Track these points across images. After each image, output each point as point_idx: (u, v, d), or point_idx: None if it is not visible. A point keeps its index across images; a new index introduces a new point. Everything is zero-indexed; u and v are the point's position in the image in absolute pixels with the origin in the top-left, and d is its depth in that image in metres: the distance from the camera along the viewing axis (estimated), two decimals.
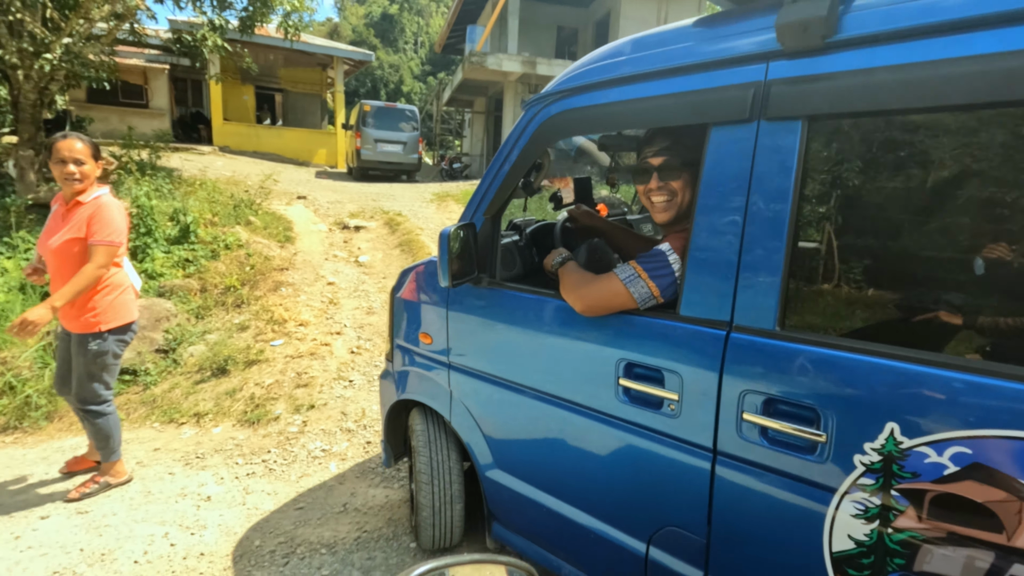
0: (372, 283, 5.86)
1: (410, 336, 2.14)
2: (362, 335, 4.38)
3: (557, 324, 1.59)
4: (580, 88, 1.53)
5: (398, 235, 7.61)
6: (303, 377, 3.60)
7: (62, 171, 2.24)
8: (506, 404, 1.78)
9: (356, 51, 18.08)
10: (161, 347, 3.94)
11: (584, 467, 1.59)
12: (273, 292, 4.94)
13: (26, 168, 7.48)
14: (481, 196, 1.80)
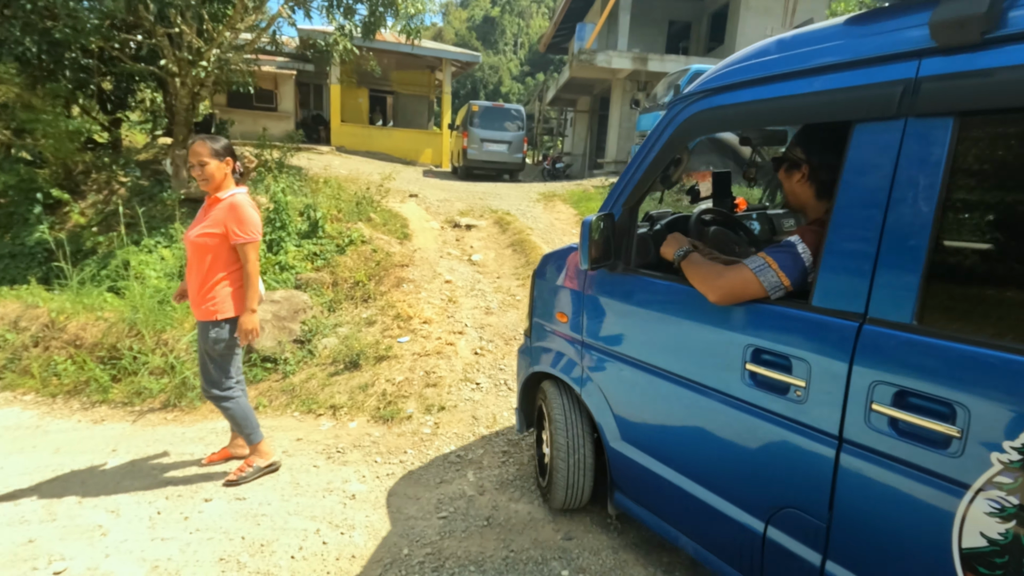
0: (487, 283, 5.82)
1: (547, 315, 2.39)
2: (483, 336, 4.31)
3: (686, 309, 1.69)
4: (725, 87, 1.60)
5: (509, 234, 7.56)
6: (431, 376, 3.58)
7: (192, 172, 2.45)
8: (634, 381, 1.92)
9: (464, 53, 18.46)
10: (298, 337, 4.10)
11: (706, 445, 1.67)
12: (396, 288, 5.03)
13: (180, 166, 8.25)
14: (621, 189, 1.93)
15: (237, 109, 15.78)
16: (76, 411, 3.89)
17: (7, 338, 4.71)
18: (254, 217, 2.47)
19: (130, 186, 8.42)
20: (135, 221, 7.71)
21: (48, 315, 4.77)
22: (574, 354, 2.19)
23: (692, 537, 1.78)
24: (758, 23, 14.18)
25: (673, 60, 13.88)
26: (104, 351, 4.26)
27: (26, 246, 7.05)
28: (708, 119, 1.66)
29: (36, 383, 4.33)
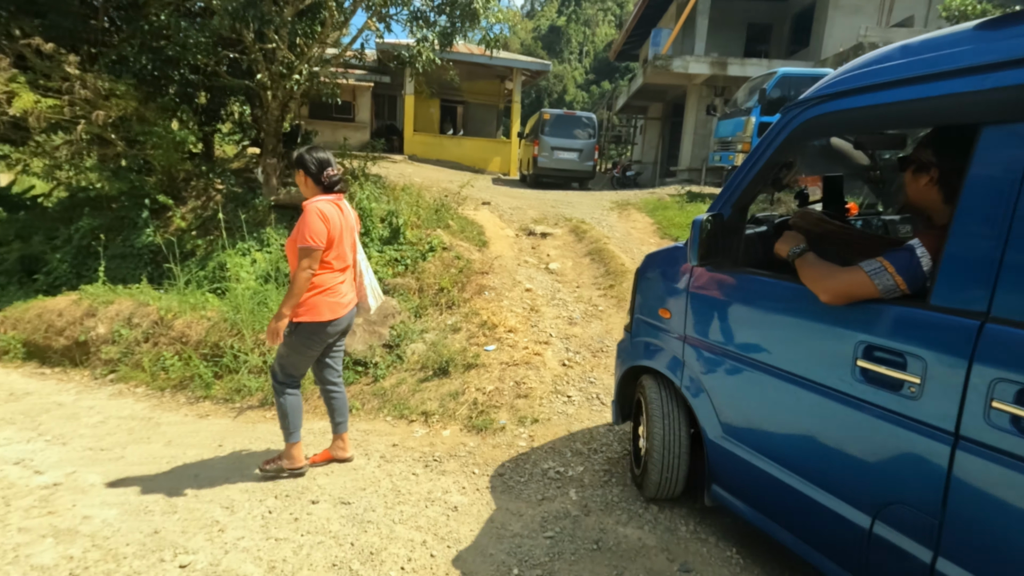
0: (566, 292, 5.72)
1: (650, 311, 2.48)
2: (569, 347, 4.21)
3: (795, 307, 1.74)
4: (847, 92, 1.62)
5: (585, 243, 7.44)
6: (522, 387, 3.52)
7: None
8: (737, 376, 1.96)
9: (535, 61, 18.55)
10: (388, 342, 4.16)
11: (812, 440, 1.69)
12: (478, 295, 5.02)
13: (270, 174, 8.68)
14: (731, 190, 2.00)
15: (318, 120, 16.54)
16: (183, 405, 4.10)
17: (122, 333, 5.07)
18: (315, 225, 2.46)
19: (225, 193, 8.95)
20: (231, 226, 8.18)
21: (157, 313, 5.10)
22: (676, 349, 2.28)
23: (793, 531, 1.79)
24: (848, 23, 13.38)
25: (754, 64, 13.33)
26: (207, 348, 4.49)
27: (134, 248, 7.60)
28: (828, 123, 1.72)
29: (146, 377, 4.62)
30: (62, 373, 5.14)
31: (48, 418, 3.96)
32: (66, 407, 4.20)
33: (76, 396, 4.46)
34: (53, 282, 7.29)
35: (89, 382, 4.84)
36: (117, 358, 4.92)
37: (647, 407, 2.42)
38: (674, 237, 7.87)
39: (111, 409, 4.10)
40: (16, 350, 5.60)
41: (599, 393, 3.52)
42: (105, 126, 6.88)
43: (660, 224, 8.54)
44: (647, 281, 2.58)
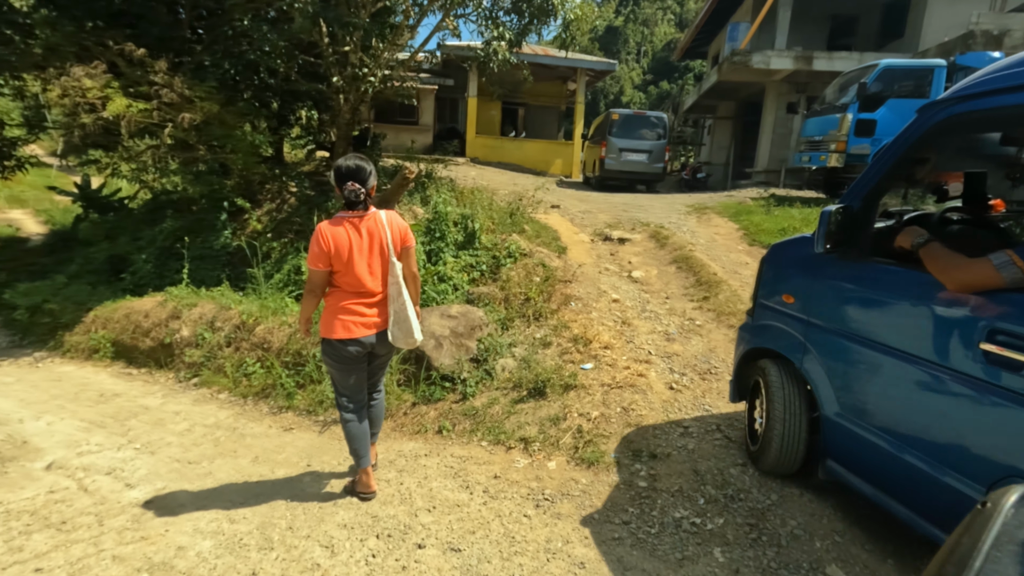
0: (656, 303, 5.30)
1: (773, 296, 2.61)
2: (673, 368, 3.81)
3: (919, 293, 1.83)
4: (991, 92, 1.70)
5: (668, 250, 6.98)
6: (630, 414, 3.16)
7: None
8: (858, 357, 2.07)
9: (601, 61, 18.07)
10: (475, 356, 3.89)
11: (929, 417, 1.80)
12: (564, 306, 4.69)
13: None
14: (863, 183, 2.11)
15: (382, 124, 16.69)
16: (265, 415, 3.98)
17: (205, 337, 5.05)
18: (312, 246, 2.42)
19: (298, 196, 9.02)
20: (304, 229, 8.19)
21: (239, 317, 5.05)
22: (797, 331, 2.40)
23: (907, 504, 1.89)
24: (950, 11, 12.23)
25: (843, 58, 12.39)
26: (289, 356, 4.36)
27: (212, 249, 7.72)
28: (972, 120, 1.79)
29: (229, 383, 4.55)
30: (147, 375, 5.18)
31: (136, 423, 3.92)
32: (153, 411, 4.17)
33: (162, 400, 4.44)
34: (138, 282, 7.49)
35: (173, 385, 4.84)
36: (200, 362, 4.90)
37: (767, 387, 2.56)
38: (764, 244, 7.27)
39: (196, 416, 4.02)
40: (105, 349, 5.72)
41: (719, 424, 3.11)
42: (189, 130, 6.99)
43: (746, 230, 7.95)
44: (772, 268, 2.74)
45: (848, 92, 9.38)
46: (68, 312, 6.51)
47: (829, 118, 9.47)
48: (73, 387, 4.84)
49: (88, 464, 3.24)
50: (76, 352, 5.93)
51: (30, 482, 3.05)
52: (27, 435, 3.76)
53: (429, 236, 6.15)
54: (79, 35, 6.53)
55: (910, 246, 1.88)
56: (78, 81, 6.07)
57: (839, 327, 2.19)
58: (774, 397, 2.49)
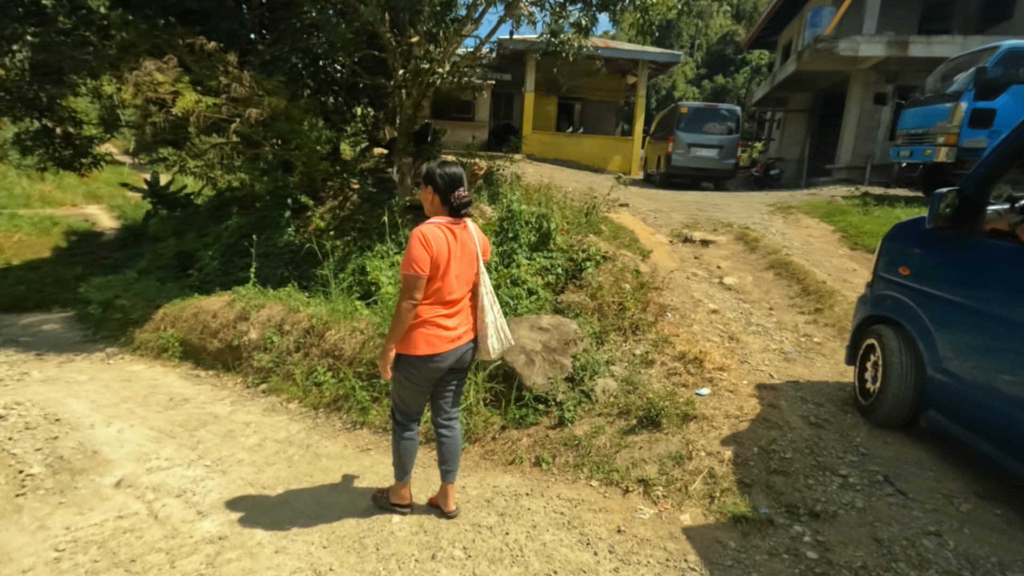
0: (760, 315, 4.72)
1: (891, 269, 2.99)
2: (804, 396, 3.25)
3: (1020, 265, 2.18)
4: None
5: (760, 254, 6.34)
6: (771, 456, 2.64)
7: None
8: (962, 321, 2.45)
9: (664, 52, 17.28)
10: (570, 375, 3.45)
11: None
12: (660, 317, 4.19)
13: (405, 173, 8.40)
14: (981, 169, 2.41)
15: (438, 120, 16.47)
16: (339, 431, 3.66)
17: (273, 341, 4.82)
18: (418, 251, 2.21)
19: (360, 193, 8.81)
20: (367, 227, 7.96)
21: (308, 321, 4.79)
22: (911, 300, 2.75)
23: (1002, 448, 2.21)
24: None
25: (944, 42, 11.25)
26: (362, 367, 4.05)
27: (276, 247, 7.59)
28: None
29: (298, 391, 4.29)
30: (215, 378, 5.00)
31: (206, 434, 3.69)
32: (222, 421, 3.94)
33: (231, 408, 4.21)
34: (205, 279, 7.44)
35: (242, 391, 4.62)
36: (269, 367, 4.67)
37: (883, 349, 2.88)
38: (868, 248, 6.51)
39: (267, 428, 3.75)
40: (174, 349, 5.61)
41: (884, 473, 2.55)
42: (256, 125, 6.85)
43: (844, 232, 7.19)
44: (892, 244, 3.10)
45: (958, 79, 8.39)
46: (138, 308, 6.48)
47: (936, 108, 8.50)
48: (143, 389, 4.70)
49: (158, 483, 2.99)
50: (146, 350, 5.86)
51: (99, 502, 2.82)
52: (97, 443, 3.58)
53: (501, 236, 5.75)
54: (152, 33, 6.47)
55: (1007, 226, 2.25)
56: (150, 75, 5.99)
57: (948, 295, 2.56)
58: (891, 359, 2.81)
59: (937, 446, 2.77)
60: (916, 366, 2.71)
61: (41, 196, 16.96)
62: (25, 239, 13.79)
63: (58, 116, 8.56)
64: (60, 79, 7.98)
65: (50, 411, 4.21)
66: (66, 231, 14.49)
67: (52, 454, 3.44)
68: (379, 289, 5.52)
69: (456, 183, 2.30)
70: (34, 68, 7.78)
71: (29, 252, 13.04)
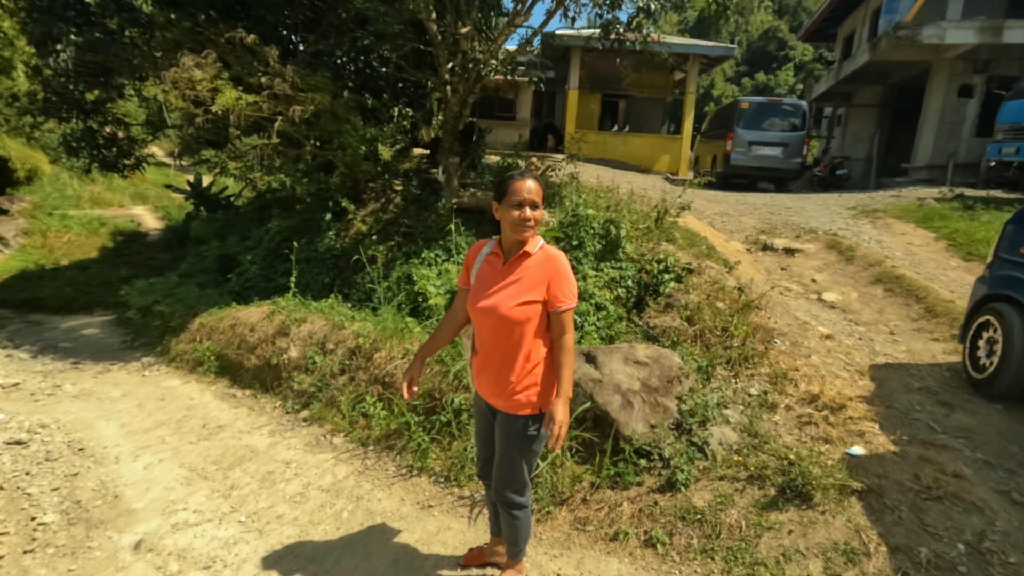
0: (882, 341, 3.97)
1: (1012, 251, 3.23)
2: (991, 460, 2.52)
3: None
4: None
5: (859, 265, 5.54)
6: (993, 562, 1.94)
7: (519, 216, 1.82)
8: None
9: (717, 46, 16.33)
10: (676, 420, 2.80)
11: None
12: (769, 344, 3.49)
13: (452, 174, 7.85)
14: None
15: (481, 119, 15.96)
16: (393, 477, 3.11)
17: (315, 361, 4.32)
18: (573, 277, 1.92)
19: (404, 195, 8.33)
20: (412, 231, 7.44)
21: (354, 339, 4.27)
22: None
23: None
24: None
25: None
26: (419, 399, 3.49)
27: (318, 252, 7.16)
28: None
29: (344, 423, 3.76)
30: (253, 399, 4.53)
31: (242, 476, 3.19)
32: (260, 457, 3.44)
33: (270, 439, 3.72)
34: (244, 284, 7.08)
35: (281, 417, 4.13)
36: (311, 391, 4.17)
37: (1003, 326, 3.10)
38: (981, 256, 5.63)
39: (310, 470, 3.23)
40: (210, 363, 5.19)
41: None
42: (299, 123, 6.41)
43: (951, 240, 6.29)
44: (1015, 226, 3.32)
45: None
46: (177, 316, 6.13)
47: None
48: (177, 411, 4.27)
49: (183, 547, 2.48)
50: (181, 362, 5.47)
51: (114, 573, 2.33)
52: (121, 484, 3.13)
53: (564, 243, 5.15)
54: (194, 30, 6.11)
55: None
56: (187, 72, 5.60)
57: None
58: (1013, 335, 3.00)
59: None
60: None
61: (91, 197, 17.18)
62: (75, 239, 13.90)
63: (104, 118, 8.37)
64: (107, 81, 7.77)
65: (75, 437, 3.81)
66: (113, 231, 14.57)
67: (69, 497, 3.00)
68: (427, 300, 4.99)
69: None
70: (79, 69, 7.58)
71: (79, 252, 13.11)
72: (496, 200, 1.90)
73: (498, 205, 1.89)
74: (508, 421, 1.93)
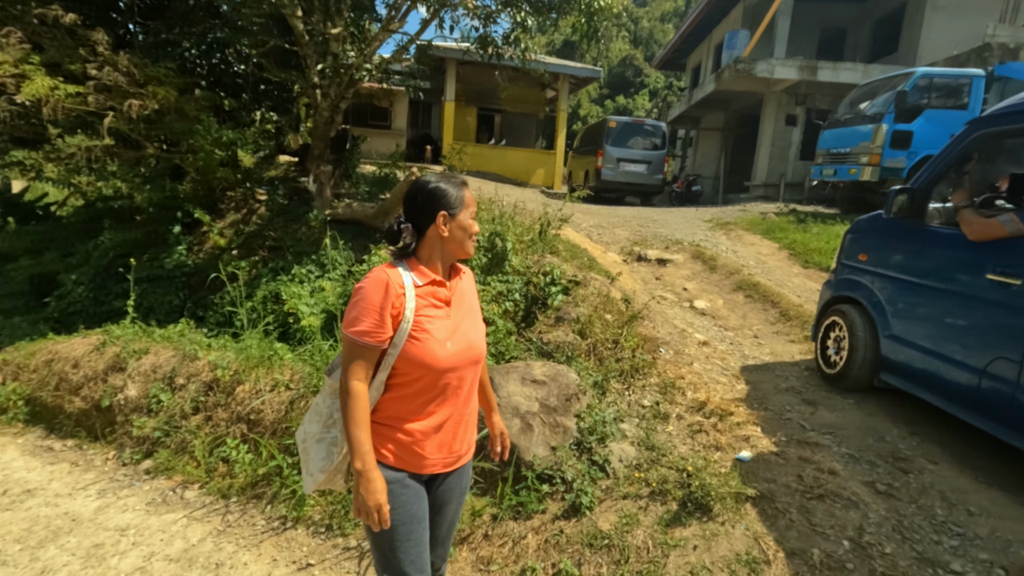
0: (750, 346, 4.28)
1: (852, 256, 3.58)
2: (853, 452, 2.74)
3: (953, 244, 2.79)
4: (1018, 114, 2.66)
5: (722, 274, 6.01)
6: (874, 556, 2.05)
7: (474, 228, 1.51)
8: (907, 294, 3.09)
9: (585, 68, 17.25)
10: (576, 439, 2.71)
11: (953, 328, 2.77)
12: (655, 354, 3.58)
13: (324, 183, 7.33)
14: (922, 175, 3.09)
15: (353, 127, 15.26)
16: (263, 535, 2.66)
17: (161, 400, 3.65)
18: None
19: (269, 205, 7.59)
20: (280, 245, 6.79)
21: (210, 371, 3.68)
22: (866, 280, 3.39)
23: (934, 392, 2.85)
24: (952, 24, 12.01)
25: (848, 69, 11.98)
26: (292, 437, 3.05)
27: (164, 269, 6.25)
28: (1002, 133, 2.82)
29: (200, 472, 3.19)
30: (77, 452, 3.72)
31: (58, 554, 2.54)
32: (83, 526, 2.78)
33: (99, 502, 3.03)
34: (67, 308, 5.94)
35: (115, 470, 3.42)
36: (155, 436, 3.50)
37: (847, 326, 3.44)
38: (820, 266, 6.41)
39: (153, 538, 2.66)
40: (17, 409, 4.21)
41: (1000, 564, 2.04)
42: (138, 121, 5.54)
43: (791, 249, 7.10)
44: (854, 235, 3.65)
45: (877, 102, 8.77)
46: None
47: (858, 129, 8.82)
48: None
49: None
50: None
51: None
52: None
53: None
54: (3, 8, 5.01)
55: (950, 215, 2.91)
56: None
57: (895, 273, 3.17)
58: (855, 332, 3.35)
59: None
60: (872, 337, 3.28)
61: None
62: None
63: None
64: None
65: None
66: None
67: None
68: (298, 321, 4.51)
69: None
70: None
71: None
72: (444, 211, 1.45)
73: (448, 217, 1.45)
74: (466, 470, 1.65)
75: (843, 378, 3.47)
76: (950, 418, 2.81)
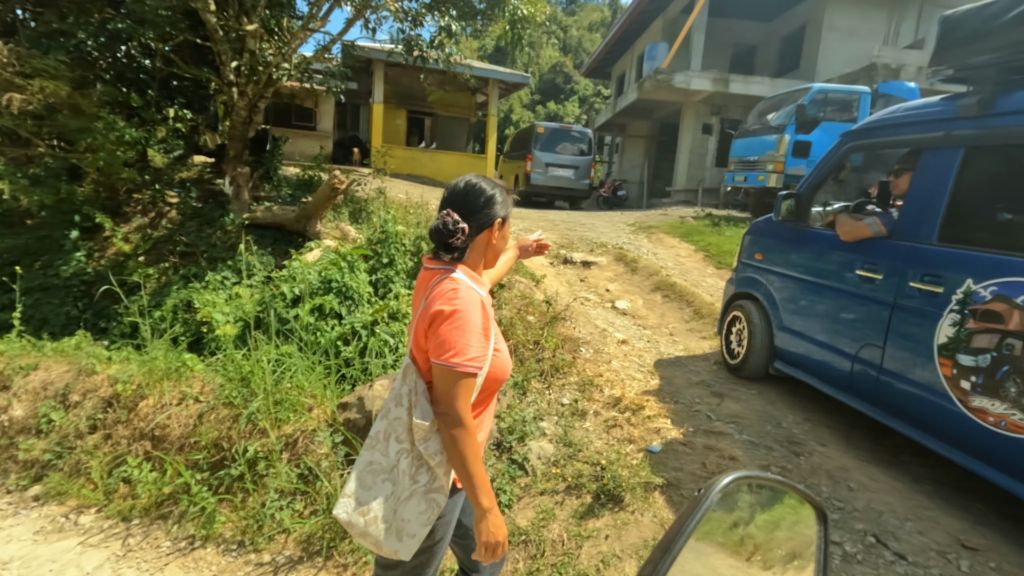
0: (667, 343, 4.50)
1: (750, 255, 3.89)
2: (754, 440, 2.96)
3: (829, 244, 3.10)
4: (879, 128, 3.02)
5: (642, 275, 6.27)
6: None
7: (508, 241, 1.43)
8: (792, 289, 3.39)
9: (514, 73, 17.48)
10: (497, 439, 2.75)
11: (828, 318, 3.08)
12: (576, 353, 3.70)
13: (241, 186, 7.02)
14: (806, 180, 3.43)
15: (276, 127, 14.67)
16: (169, 556, 2.52)
17: (52, 419, 3.37)
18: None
19: (181, 208, 7.18)
20: (193, 250, 6.44)
21: (110, 386, 3.43)
22: (761, 278, 3.69)
23: (817, 377, 3.18)
24: (844, 45, 13.15)
25: (757, 82, 12.84)
26: (202, 452, 2.90)
27: (60, 278, 5.78)
28: (866, 144, 3.16)
29: (97, 495, 2.97)
30: None
31: None
32: None
33: None
34: None
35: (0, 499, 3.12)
36: (45, 459, 3.22)
37: (747, 319, 3.71)
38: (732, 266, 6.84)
39: (42, 568, 2.46)
40: None
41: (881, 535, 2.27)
42: (23, 116, 5.09)
43: (706, 251, 7.52)
44: (750, 236, 3.95)
45: (780, 114, 9.48)
46: None
47: (764, 139, 9.49)
48: None
49: None
50: None
51: None
52: None
53: (374, 262, 4.90)
54: None
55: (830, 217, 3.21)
56: None
57: (784, 270, 3.47)
58: (753, 326, 3.64)
59: None
60: (767, 329, 3.56)
61: None
62: None
63: None
64: None
65: None
66: None
67: None
68: (212, 331, 4.31)
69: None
70: None
71: None
72: (501, 217, 1.35)
73: (501, 223, 1.35)
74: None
75: (743, 368, 3.75)
76: (838, 404, 3.09)
